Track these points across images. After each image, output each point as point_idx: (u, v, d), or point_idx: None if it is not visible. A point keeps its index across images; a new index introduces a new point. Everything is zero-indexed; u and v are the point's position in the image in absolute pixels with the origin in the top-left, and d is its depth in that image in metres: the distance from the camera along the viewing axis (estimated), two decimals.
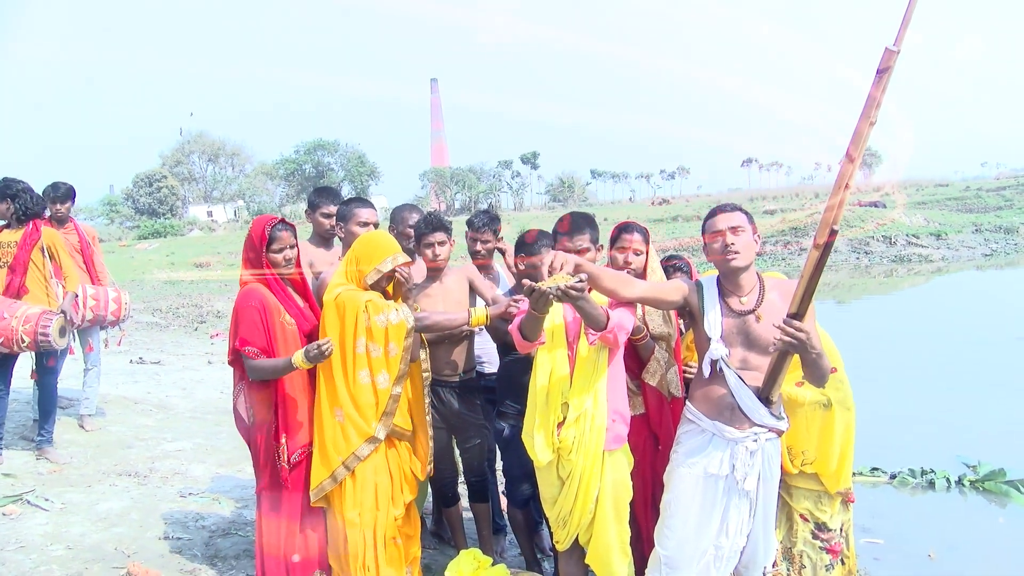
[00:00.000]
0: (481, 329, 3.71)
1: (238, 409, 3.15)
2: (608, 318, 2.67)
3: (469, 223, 4.08)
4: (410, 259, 3.25)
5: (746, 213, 2.75)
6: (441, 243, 3.55)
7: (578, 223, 3.06)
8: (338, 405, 2.98)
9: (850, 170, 2.19)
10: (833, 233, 2.24)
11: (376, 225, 3.77)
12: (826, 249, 2.26)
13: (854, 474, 3.63)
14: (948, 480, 5.75)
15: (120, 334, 5.86)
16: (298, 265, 3.29)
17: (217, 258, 31.51)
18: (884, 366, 9.51)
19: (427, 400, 3.33)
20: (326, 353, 2.87)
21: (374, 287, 3.10)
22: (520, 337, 2.76)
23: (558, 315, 2.95)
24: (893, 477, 5.83)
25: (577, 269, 2.50)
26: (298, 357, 2.90)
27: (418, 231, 3.58)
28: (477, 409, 3.73)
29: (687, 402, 2.84)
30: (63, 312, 4.79)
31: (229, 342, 3.08)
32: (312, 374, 3.11)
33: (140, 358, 9.83)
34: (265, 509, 3.11)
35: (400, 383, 3.05)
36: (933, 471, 5.84)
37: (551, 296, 2.44)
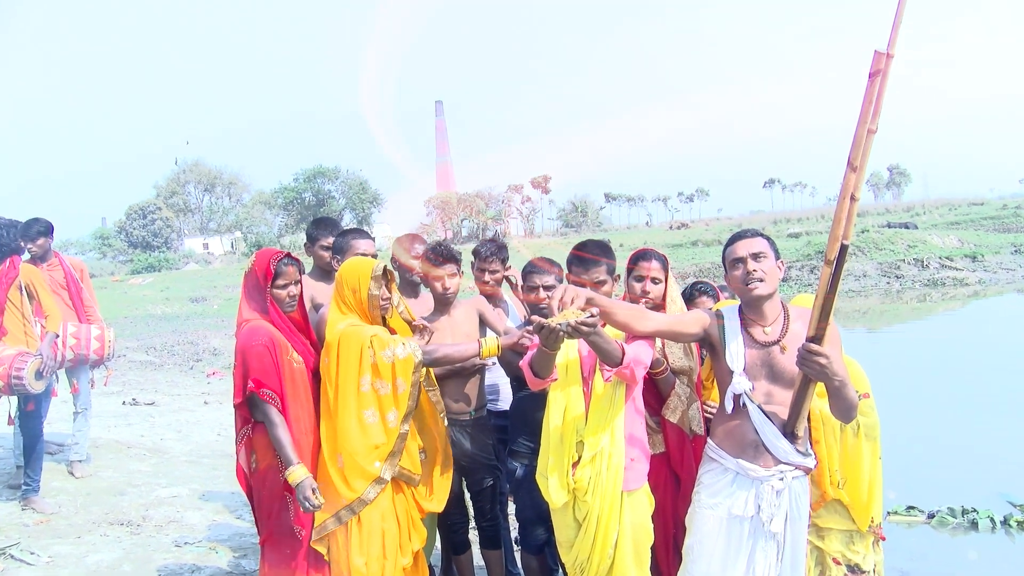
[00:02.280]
0: (493, 362, 3.73)
1: (240, 458, 3.16)
2: (623, 353, 2.70)
3: (475, 252, 4.13)
4: (391, 269, 3.30)
5: (768, 239, 2.78)
6: (451, 275, 3.60)
7: (592, 253, 3.10)
8: (340, 451, 3.00)
9: (853, 179, 2.23)
10: (844, 248, 2.28)
11: (375, 256, 3.82)
12: (838, 265, 2.30)
13: (888, 513, 3.62)
14: (992, 520, 5.64)
15: (107, 373, 5.88)
16: (301, 302, 3.34)
17: (214, 292, 31.70)
18: (919, 397, 9.41)
19: (446, 428, 3.34)
20: (316, 506, 2.94)
21: (375, 311, 3.14)
22: (531, 374, 2.78)
23: (572, 350, 2.97)
24: (931, 517, 5.73)
25: (589, 303, 2.54)
26: (294, 475, 2.94)
27: (425, 263, 3.63)
28: (489, 449, 3.74)
29: (709, 439, 2.85)
30: (40, 354, 4.76)
31: (236, 383, 3.08)
32: (319, 415, 3.14)
33: (133, 399, 9.87)
34: (271, 561, 3.11)
35: (407, 421, 3.08)
36: (975, 510, 5.72)
37: (561, 332, 2.47)
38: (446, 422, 3.37)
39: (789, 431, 2.59)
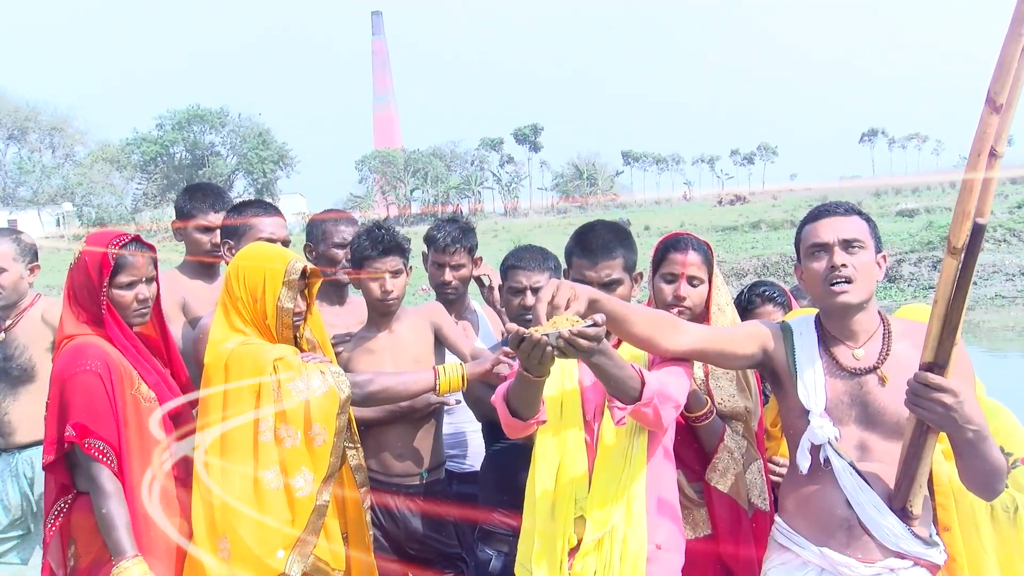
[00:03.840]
0: (457, 400, 3.77)
1: (50, 551, 3.13)
2: (643, 383, 2.70)
3: (430, 239, 4.16)
4: (316, 268, 3.34)
5: (866, 218, 2.82)
6: (394, 272, 3.63)
7: (604, 240, 3.11)
8: (223, 533, 3.00)
9: (995, 125, 2.17)
10: (978, 230, 2.26)
11: (287, 243, 3.85)
12: (969, 255, 2.30)
13: None
14: None
15: None
16: (157, 310, 3.35)
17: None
18: None
19: (367, 516, 3.38)
20: None
21: (284, 329, 3.17)
22: (508, 414, 2.79)
23: (569, 378, 3.00)
24: None
25: (592, 306, 2.56)
26: (127, 574, 2.89)
27: (357, 254, 3.66)
28: (449, 530, 3.77)
29: (777, 517, 2.88)
30: None
31: (48, 431, 3.07)
32: (185, 480, 3.14)
33: None
34: None
35: (328, 487, 3.09)
36: None
37: (550, 349, 2.47)
38: (367, 503, 3.39)
39: (899, 506, 2.61)
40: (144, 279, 3.20)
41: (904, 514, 2.61)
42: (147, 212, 70.31)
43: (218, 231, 4.04)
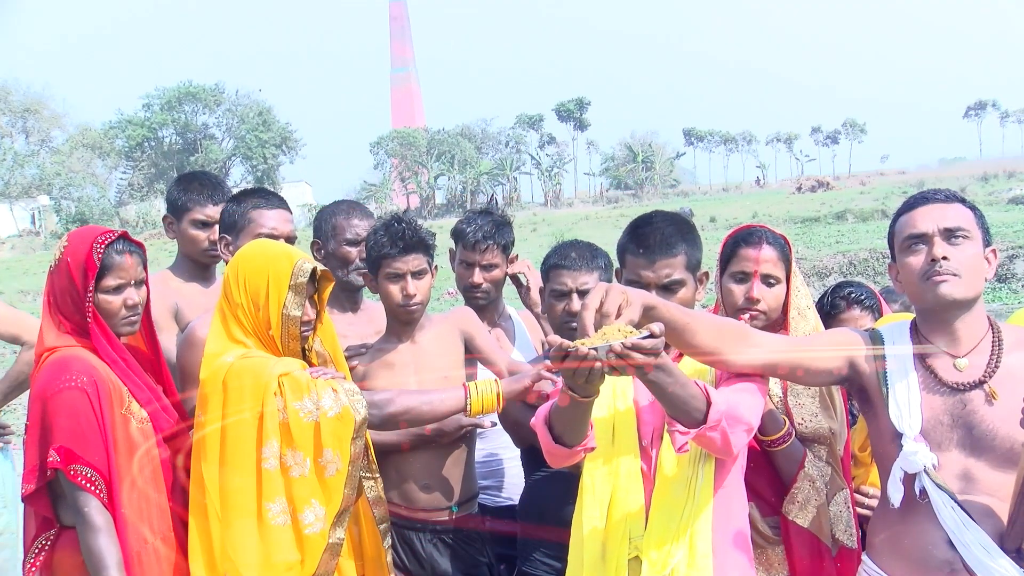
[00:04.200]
0: (493, 423, 3.78)
1: None
2: (709, 403, 2.70)
3: (458, 234, 4.17)
4: (327, 270, 3.34)
5: (971, 207, 2.80)
6: (418, 273, 3.65)
7: (663, 234, 3.10)
8: (223, 574, 3.03)
9: None
10: None
11: (291, 239, 3.87)
12: None
13: None
14: None
15: None
16: (146, 318, 3.38)
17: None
18: None
19: (388, 557, 3.40)
20: None
21: (290, 340, 3.20)
22: (550, 439, 2.80)
23: (622, 398, 3.00)
24: None
25: (648, 314, 2.56)
26: None
27: (373, 252, 3.68)
28: (481, 571, 3.78)
29: (864, 556, 2.87)
30: None
31: (28, 458, 3.10)
32: (181, 513, 3.17)
33: None
34: None
35: (343, 523, 3.12)
36: None
37: (600, 365, 2.46)
38: (387, 542, 3.40)
39: (1013, 547, 2.59)
40: (133, 282, 3.23)
41: (1020, 557, 2.59)
42: (133, 205, 70.91)
43: (216, 227, 4.07)
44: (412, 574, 3.69)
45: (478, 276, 4.12)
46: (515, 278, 4.34)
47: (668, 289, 3.00)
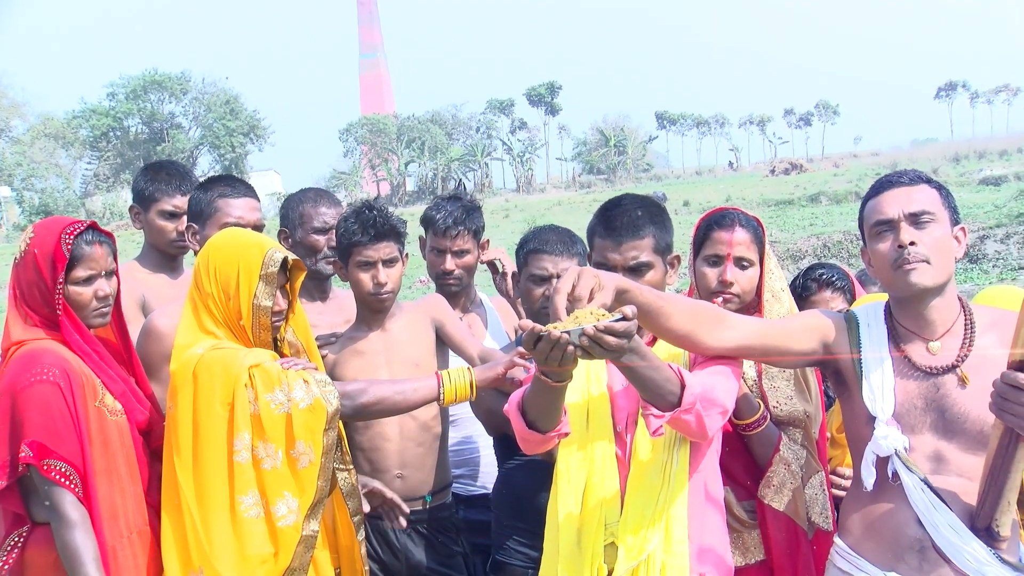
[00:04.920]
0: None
1: None
2: (683, 386, 2.69)
3: (429, 221, 4.17)
4: (299, 260, 3.33)
5: (939, 187, 2.82)
6: (388, 261, 3.65)
7: (631, 217, 3.09)
8: (199, 566, 3.02)
9: None
10: None
11: (259, 228, 3.85)
12: None
13: None
14: None
15: None
16: (117, 309, 3.36)
17: None
18: None
19: (362, 549, 3.40)
20: None
21: (261, 331, 3.19)
22: (524, 425, 2.79)
23: (596, 383, 3.01)
24: None
25: (621, 298, 2.56)
26: None
27: (344, 240, 3.67)
28: (457, 562, 3.80)
29: (837, 538, 2.89)
30: None
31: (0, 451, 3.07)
32: (157, 506, 3.16)
33: None
34: None
35: (317, 515, 3.11)
36: None
37: (573, 348, 2.45)
38: (361, 534, 3.39)
39: (983, 525, 2.61)
40: (103, 273, 3.21)
41: (989, 536, 2.61)
42: (99, 196, 70.44)
43: (184, 217, 4.05)
44: (387, 565, 3.70)
45: (450, 263, 4.12)
46: (492, 264, 4.34)
47: (635, 271, 2.98)
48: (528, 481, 3.38)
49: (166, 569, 3.08)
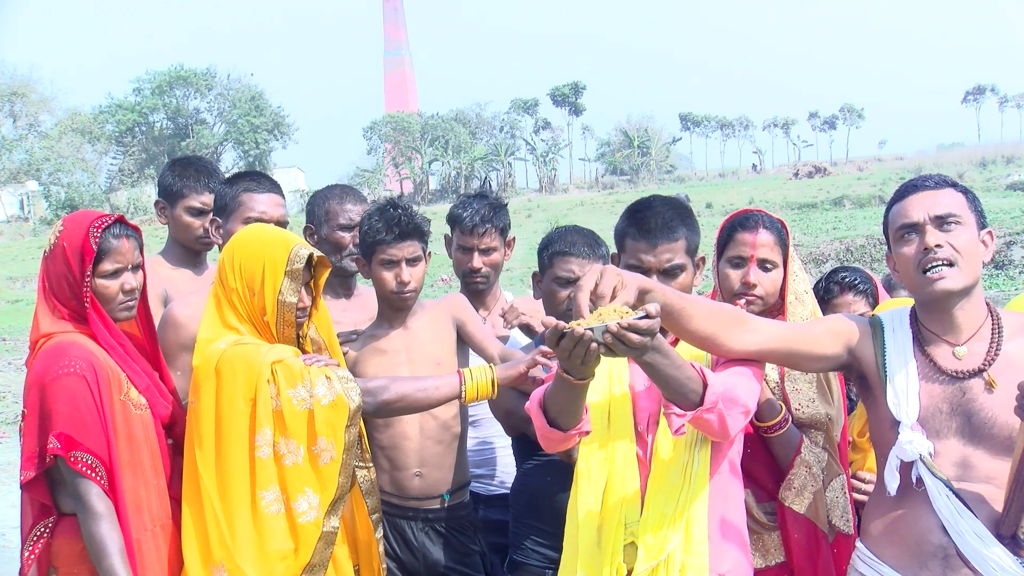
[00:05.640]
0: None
1: None
2: (705, 385, 2.69)
3: (454, 219, 4.17)
4: (324, 256, 3.33)
5: (965, 191, 2.81)
6: (412, 260, 3.66)
7: (664, 219, 3.08)
8: (220, 561, 3.04)
9: None
10: None
11: (283, 224, 3.85)
12: None
13: None
14: None
15: None
16: (143, 303, 3.37)
17: None
18: None
19: (380, 546, 3.41)
20: None
21: (285, 327, 3.20)
22: (545, 423, 2.80)
23: (618, 381, 3.01)
24: None
25: (643, 297, 2.56)
26: None
27: (368, 238, 3.68)
28: (474, 561, 3.80)
29: (858, 542, 2.89)
30: None
31: (26, 445, 3.08)
32: (177, 498, 3.18)
33: None
34: None
35: (337, 511, 3.13)
36: None
37: (595, 345, 2.46)
38: (379, 532, 3.40)
39: (1008, 532, 2.60)
40: (130, 267, 3.22)
41: (1015, 543, 2.60)
42: (123, 191, 70.62)
43: (208, 212, 4.07)
44: (404, 563, 3.70)
45: (477, 260, 4.12)
46: (527, 327, 4.08)
47: (669, 274, 2.99)
48: (546, 481, 3.38)
49: (187, 564, 3.09)
